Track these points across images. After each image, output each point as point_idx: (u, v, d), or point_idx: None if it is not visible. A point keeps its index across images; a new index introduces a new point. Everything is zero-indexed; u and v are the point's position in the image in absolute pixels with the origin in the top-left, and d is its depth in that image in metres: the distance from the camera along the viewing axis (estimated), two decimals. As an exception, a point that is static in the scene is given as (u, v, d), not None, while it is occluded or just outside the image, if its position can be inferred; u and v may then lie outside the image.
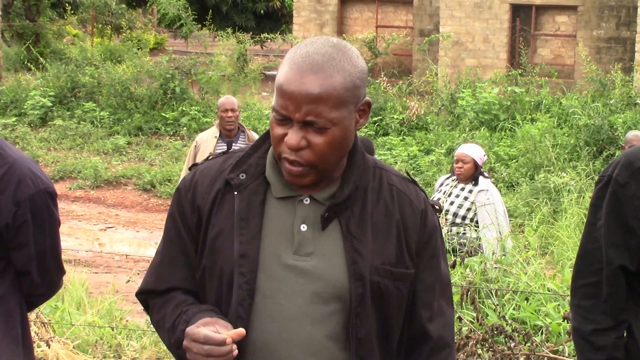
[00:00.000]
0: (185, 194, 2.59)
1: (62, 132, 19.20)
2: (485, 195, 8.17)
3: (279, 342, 2.46)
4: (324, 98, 2.36)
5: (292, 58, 2.41)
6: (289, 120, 2.39)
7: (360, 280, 2.46)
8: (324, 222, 2.48)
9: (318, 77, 2.36)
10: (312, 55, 2.39)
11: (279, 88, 2.39)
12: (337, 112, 2.38)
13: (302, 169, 2.42)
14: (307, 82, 2.35)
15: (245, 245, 2.46)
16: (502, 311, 6.18)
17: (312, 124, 2.37)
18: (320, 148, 2.39)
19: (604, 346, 2.86)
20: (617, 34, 21.71)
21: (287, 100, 2.37)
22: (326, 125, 2.38)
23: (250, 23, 30.80)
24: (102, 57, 23.60)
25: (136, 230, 13.98)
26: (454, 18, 22.29)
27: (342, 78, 2.38)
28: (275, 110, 2.41)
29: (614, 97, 17.33)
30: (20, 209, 3.19)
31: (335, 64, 2.39)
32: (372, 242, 2.49)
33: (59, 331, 6.68)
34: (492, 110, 17.55)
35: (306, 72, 2.36)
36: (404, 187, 2.60)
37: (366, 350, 2.49)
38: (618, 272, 2.83)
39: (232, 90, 20.76)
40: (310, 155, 2.40)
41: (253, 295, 2.46)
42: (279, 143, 2.42)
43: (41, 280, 3.35)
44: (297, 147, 2.38)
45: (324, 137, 2.39)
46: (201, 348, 2.35)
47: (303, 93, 2.35)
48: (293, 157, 2.40)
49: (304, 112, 2.36)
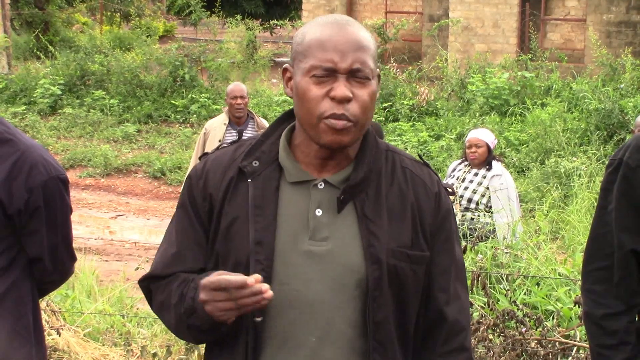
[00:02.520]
0: (197, 183, 2.58)
1: (71, 121, 19.23)
2: (499, 180, 8.15)
3: (296, 329, 2.45)
4: (366, 46, 2.43)
5: (318, 22, 2.47)
6: (331, 75, 2.40)
7: (377, 263, 2.45)
8: (339, 205, 2.47)
9: (356, 29, 2.44)
10: (335, 17, 2.46)
11: (317, 45, 2.41)
12: (374, 64, 2.45)
13: (346, 122, 2.40)
14: (349, 33, 2.42)
15: (261, 232, 2.45)
16: (513, 296, 6.18)
17: (357, 72, 2.40)
18: (364, 99, 2.41)
19: (615, 330, 2.85)
20: (628, 18, 21.60)
21: (332, 51, 2.39)
22: (369, 75, 2.42)
23: (259, 10, 30.78)
24: (111, 45, 23.63)
25: (147, 218, 14.00)
26: (463, 3, 22.20)
27: (372, 37, 2.47)
28: (315, 68, 2.41)
29: (624, 81, 17.26)
30: (33, 195, 3.18)
31: (361, 25, 2.48)
32: (387, 225, 2.48)
33: (70, 319, 6.69)
34: (502, 95, 17.50)
35: (344, 25, 2.43)
36: (417, 170, 2.60)
37: (384, 335, 2.48)
38: (629, 256, 2.81)
39: (241, 77, 20.74)
40: (355, 108, 2.41)
41: (270, 282, 2.43)
42: (319, 103, 2.41)
43: (53, 267, 3.35)
44: (347, 97, 2.39)
45: (366, 89, 2.42)
46: (227, 296, 2.32)
47: (349, 41, 2.41)
48: (341, 110, 2.39)
49: (350, 60, 2.39)
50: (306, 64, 2.42)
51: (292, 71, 2.50)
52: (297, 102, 2.47)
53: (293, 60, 2.49)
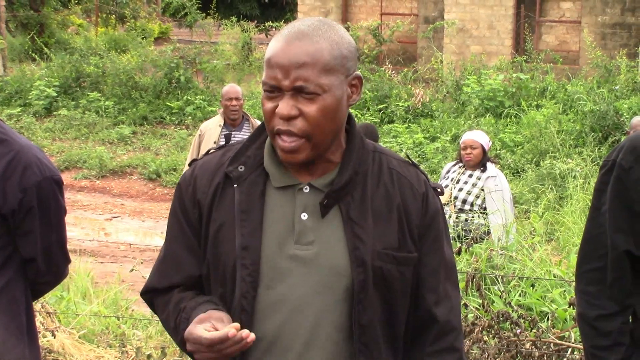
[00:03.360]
0: (186, 189, 2.58)
1: (67, 122, 19.21)
2: (494, 181, 8.16)
3: (283, 333, 2.46)
4: (311, 63, 2.36)
5: (279, 33, 2.43)
6: (279, 92, 2.38)
7: (362, 266, 2.44)
8: (323, 209, 2.47)
9: (304, 44, 2.38)
10: (298, 27, 2.42)
11: (267, 61, 2.40)
12: (325, 78, 2.38)
13: (296, 142, 2.39)
14: (293, 49, 2.37)
15: (247, 237, 2.45)
16: (508, 297, 6.18)
17: (302, 89, 2.36)
18: (313, 115, 2.38)
19: (609, 332, 2.85)
20: (622, 20, 21.62)
21: (276, 69, 2.37)
22: (316, 91, 2.37)
23: (254, 11, 30.81)
24: (106, 47, 23.63)
25: (142, 220, 13.99)
26: (458, 5, 22.21)
27: (329, 45, 2.40)
28: (264, 84, 2.41)
29: (619, 83, 17.29)
30: (27, 195, 3.19)
31: (321, 33, 2.40)
32: (373, 227, 2.48)
33: (65, 321, 6.69)
34: (497, 97, 17.52)
35: (292, 40, 2.38)
36: (404, 170, 2.58)
37: (370, 337, 2.47)
38: (623, 257, 2.82)
39: (236, 79, 20.76)
40: (303, 124, 2.38)
41: (256, 287, 2.45)
42: (271, 118, 2.41)
43: (47, 268, 3.35)
44: (288, 115, 2.37)
45: (315, 104, 2.38)
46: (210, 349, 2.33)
47: (290, 59, 2.36)
48: (285, 127, 2.38)
49: (292, 78, 2.36)
50: (262, 77, 2.43)
51: None
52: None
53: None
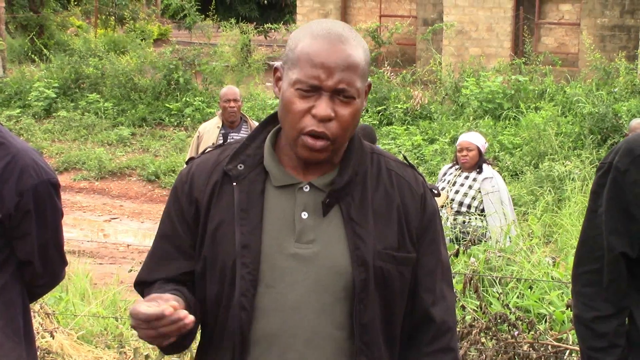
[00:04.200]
0: (182, 187, 2.58)
1: (66, 124, 19.23)
2: (490, 182, 8.15)
3: (283, 332, 2.45)
4: (355, 66, 2.39)
5: (312, 32, 2.43)
6: (316, 91, 2.39)
7: (363, 265, 2.45)
8: (324, 208, 2.48)
9: (348, 47, 2.40)
10: (334, 28, 2.43)
11: (306, 59, 2.39)
12: (360, 83, 2.42)
13: (324, 143, 2.41)
14: (339, 51, 2.38)
15: (247, 235, 2.45)
16: (506, 299, 6.18)
17: (342, 92, 2.39)
18: (346, 119, 2.41)
19: (605, 333, 2.85)
20: (621, 22, 21.64)
21: (319, 68, 2.37)
22: (354, 95, 2.40)
23: (253, 13, 30.80)
24: (105, 48, 23.64)
25: (141, 221, 14.00)
26: (457, 7, 22.23)
27: (364, 52, 2.44)
28: (300, 82, 2.39)
29: (618, 85, 17.30)
30: (23, 198, 3.19)
31: (357, 38, 2.44)
32: (373, 227, 2.49)
33: (63, 322, 6.70)
34: (496, 99, 17.52)
35: (335, 41, 2.39)
36: (402, 171, 2.60)
37: (370, 336, 2.48)
38: (619, 259, 2.82)
39: (235, 81, 20.75)
40: (336, 127, 2.40)
41: (256, 285, 2.45)
42: (301, 118, 2.40)
43: (43, 271, 3.35)
44: (328, 116, 2.38)
45: (349, 108, 2.41)
46: (148, 325, 2.30)
47: (336, 61, 2.38)
48: (321, 128, 2.39)
49: (336, 80, 2.37)
50: (294, 74, 2.41)
51: (282, 72, 2.49)
52: (281, 109, 2.47)
53: (284, 63, 2.48)
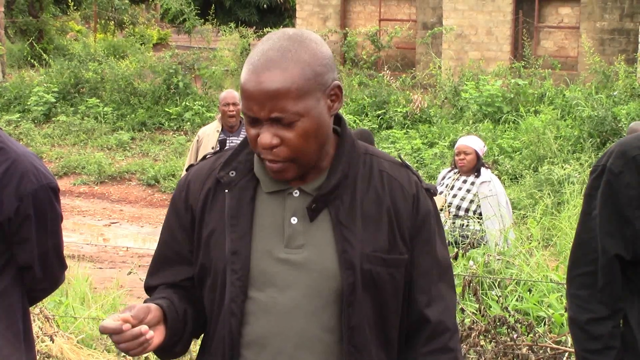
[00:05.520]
0: (180, 194, 2.61)
1: (65, 128, 19.24)
2: (488, 186, 8.16)
3: (273, 336, 2.47)
4: (283, 92, 2.36)
5: (250, 59, 2.42)
6: (258, 121, 2.40)
7: (351, 268, 2.45)
8: (311, 213, 2.49)
9: (274, 73, 2.36)
10: (266, 52, 2.39)
11: (242, 91, 2.41)
12: (301, 103, 2.38)
13: (281, 164, 2.42)
14: (263, 80, 2.36)
15: (237, 242, 2.48)
16: (505, 302, 6.19)
17: (279, 120, 2.38)
18: (294, 142, 2.40)
19: (600, 335, 2.86)
20: (621, 26, 21.65)
21: (250, 101, 2.38)
22: (293, 119, 2.38)
23: (253, 17, 30.76)
24: (105, 53, 23.65)
25: (140, 226, 14.01)
26: (456, 11, 22.25)
27: (300, 69, 2.38)
28: (243, 113, 2.42)
29: (617, 89, 17.33)
30: (23, 203, 3.20)
31: (291, 56, 2.38)
32: (362, 230, 2.49)
33: (63, 326, 6.71)
34: (495, 103, 17.54)
35: (261, 70, 2.37)
36: (394, 172, 2.59)
37: (360, 339, 2.48)
38: (613, 261, 2.83)
39: (235, 85, 20.74)
40: (285, 151, 2.41)
41: (246, 291, 2.47)
42: (255, 145, 2.44)
43: (43, 275, 3.36)
44: (269, 145, 2.39)
45: (294, 130, 2.39)
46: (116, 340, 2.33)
47: (262, 91, 2.36)
48: (270, 156, 2.41)
49: (267, 110, 2.37)
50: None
51: None
52: None
53: None
